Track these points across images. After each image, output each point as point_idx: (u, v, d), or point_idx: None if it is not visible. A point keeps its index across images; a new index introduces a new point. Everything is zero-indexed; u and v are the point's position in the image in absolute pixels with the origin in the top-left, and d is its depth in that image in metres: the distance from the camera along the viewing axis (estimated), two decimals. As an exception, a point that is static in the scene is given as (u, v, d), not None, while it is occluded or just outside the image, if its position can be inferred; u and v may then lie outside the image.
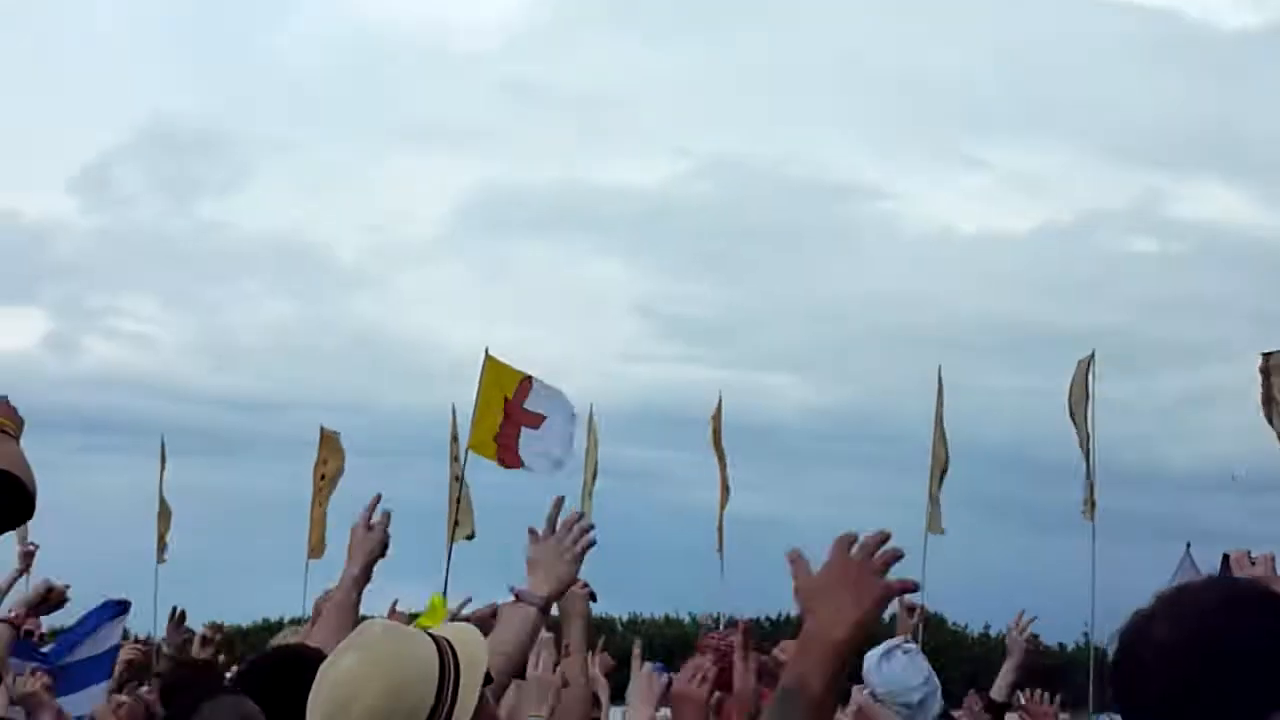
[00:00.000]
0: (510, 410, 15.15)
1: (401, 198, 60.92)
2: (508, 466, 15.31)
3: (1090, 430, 17.36)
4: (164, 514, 22.01)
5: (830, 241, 55.48)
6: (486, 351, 15.57)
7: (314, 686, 2.21)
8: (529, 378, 15.33)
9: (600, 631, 8.35)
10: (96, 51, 53.46)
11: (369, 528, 3.67)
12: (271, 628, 28.13)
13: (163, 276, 54.79)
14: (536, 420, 15.01)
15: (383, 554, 3.72)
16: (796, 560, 2.02)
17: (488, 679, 2.27)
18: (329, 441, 20.71)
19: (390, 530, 3.71)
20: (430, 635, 2.27)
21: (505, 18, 62.39)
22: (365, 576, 3.69)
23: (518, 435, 15.07)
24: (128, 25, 53.91)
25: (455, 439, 18.03)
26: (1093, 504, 17.40)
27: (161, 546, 22.04)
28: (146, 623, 14.72)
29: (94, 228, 54.61)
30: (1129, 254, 53.84)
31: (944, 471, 18.52)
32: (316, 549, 20.62)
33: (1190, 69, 55.17)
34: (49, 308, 59.72)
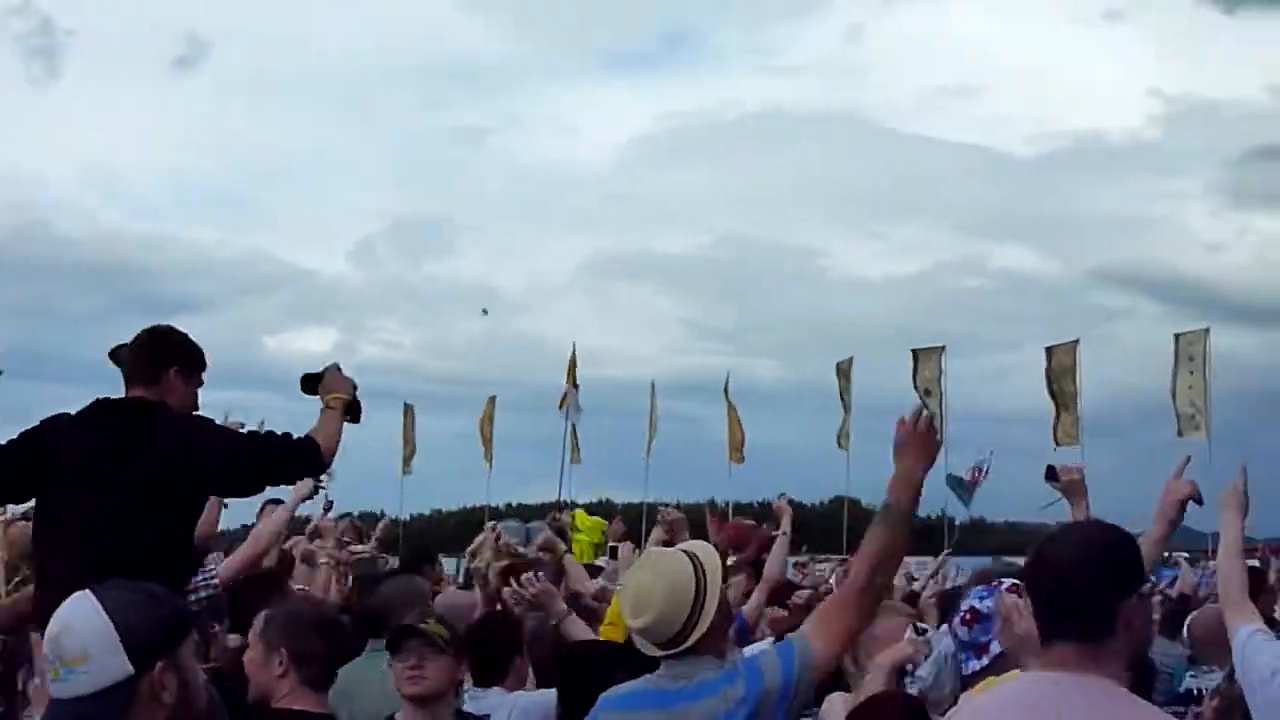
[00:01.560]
0: None
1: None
2: None
3: None
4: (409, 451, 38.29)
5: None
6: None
7: (621, 595, 3.69)
8: None
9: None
10: (360, 162, 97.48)
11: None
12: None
13: (403, 307, 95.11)
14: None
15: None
16: (898, 425, 3.38)
17: (725, 577, 3.38)
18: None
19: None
20: (685, 552, 3.36)
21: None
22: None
23: None
24: (381, 146, 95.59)
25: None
26: None
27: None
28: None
29: (363, 278, 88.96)
30: None
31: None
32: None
33: None
34: (337, 325, 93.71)
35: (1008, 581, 3.99)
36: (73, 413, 4.42)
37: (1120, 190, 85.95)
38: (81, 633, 2.39)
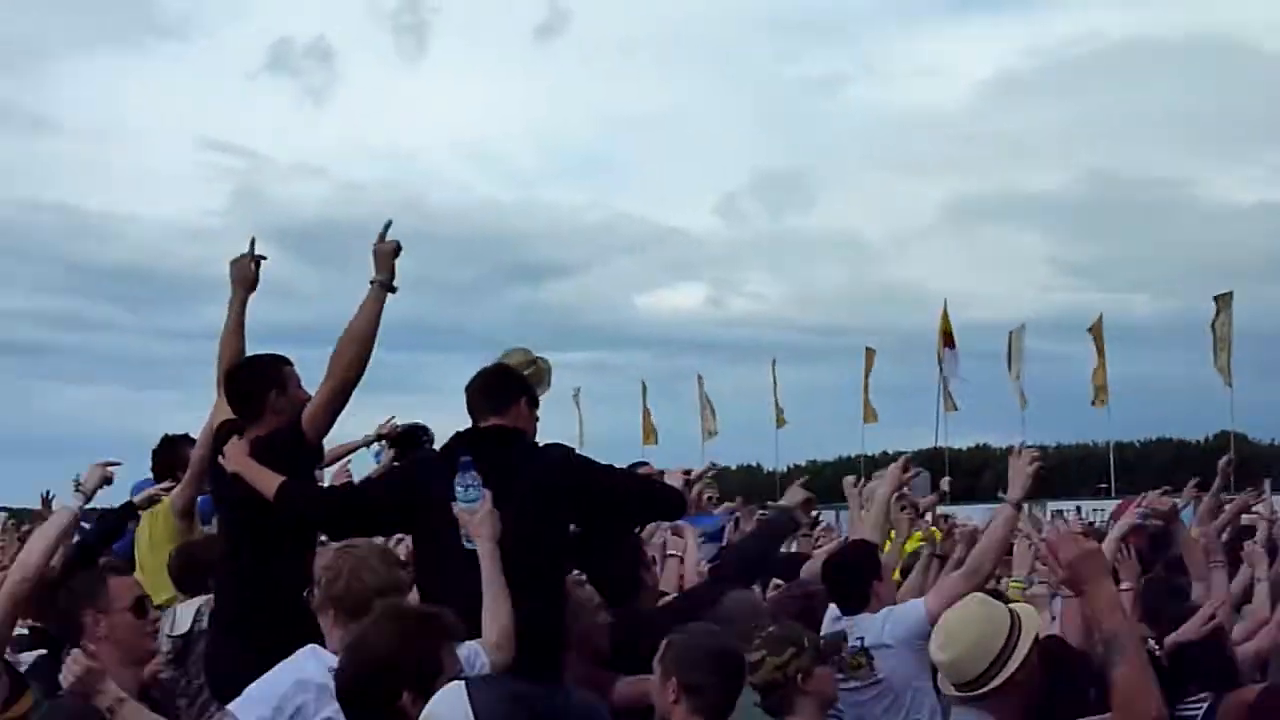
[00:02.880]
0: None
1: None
2: None
3: None
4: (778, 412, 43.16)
5: None
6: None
7: (942, 626, 3.51)
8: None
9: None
10: (720, 117, 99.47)
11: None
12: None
13: (769, 260, 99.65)
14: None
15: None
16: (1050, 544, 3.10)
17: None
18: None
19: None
20: (1011, 610, 3.46)
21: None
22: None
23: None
24: (740, 100, 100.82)
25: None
26: None
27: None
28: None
29: (728, 233, 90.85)
30: None
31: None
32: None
33: None
34: (706, 281, 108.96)
35: None
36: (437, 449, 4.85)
37: None
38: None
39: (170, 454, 6.26)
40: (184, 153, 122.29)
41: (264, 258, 5.20)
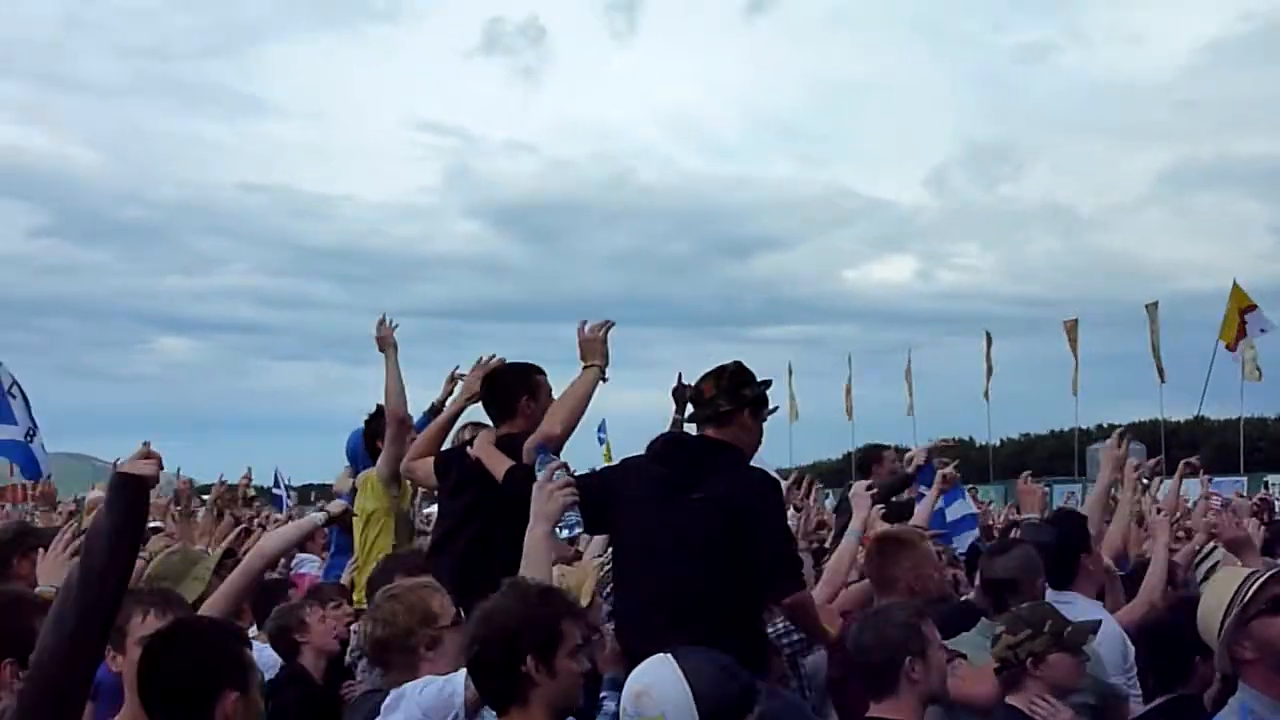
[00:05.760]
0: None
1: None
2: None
3: None
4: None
5: None
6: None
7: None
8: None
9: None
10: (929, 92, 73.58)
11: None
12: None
13: (979, 231, 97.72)
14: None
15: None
16: None
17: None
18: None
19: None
20: (1251, 571, 3.45)
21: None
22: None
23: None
24: (949, 72, 77.13)
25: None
26: None
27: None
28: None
29: (938, 205, 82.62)
30: None
31: None
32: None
33: None
34: (915, 254, 79.86)
35: None
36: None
37: None
38: (663, 695, 2.61)
39: (384, 421, 6.33)
40: (398, 133, 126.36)
41: (396, 324, 5.97)
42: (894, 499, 7.02)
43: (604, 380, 4.77)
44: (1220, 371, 34.60)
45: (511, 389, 5.16)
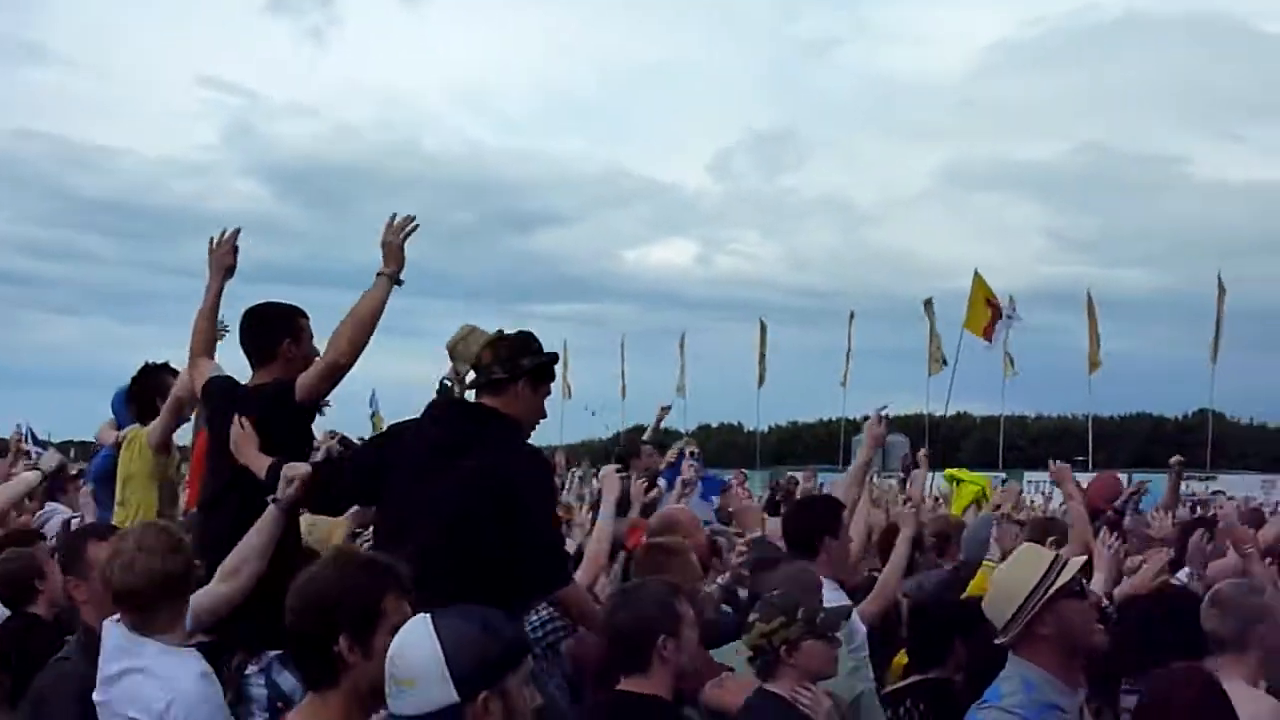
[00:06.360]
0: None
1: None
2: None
3: None
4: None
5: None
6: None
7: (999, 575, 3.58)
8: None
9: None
10: (720, 77, 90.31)
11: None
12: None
13: (760, 220, 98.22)
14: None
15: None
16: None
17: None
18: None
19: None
20: (1054, 555, 3.50)
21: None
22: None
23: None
24: (738, 59, 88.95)
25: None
26: None
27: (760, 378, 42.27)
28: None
29: (721, 191, 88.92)
30: None
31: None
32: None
33: None
34: (696, 238, 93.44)
35: None
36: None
37: None
38: (412, 658, 2.48)
39: (151, 381, 6.29)
40: (182, 89, 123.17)
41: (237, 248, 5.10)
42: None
43: (398, 284, 4.52)
44: (987, 368, 35.89)
45: (273, 329, 4.73)
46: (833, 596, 4.78)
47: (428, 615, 2.56)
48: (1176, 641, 4.42)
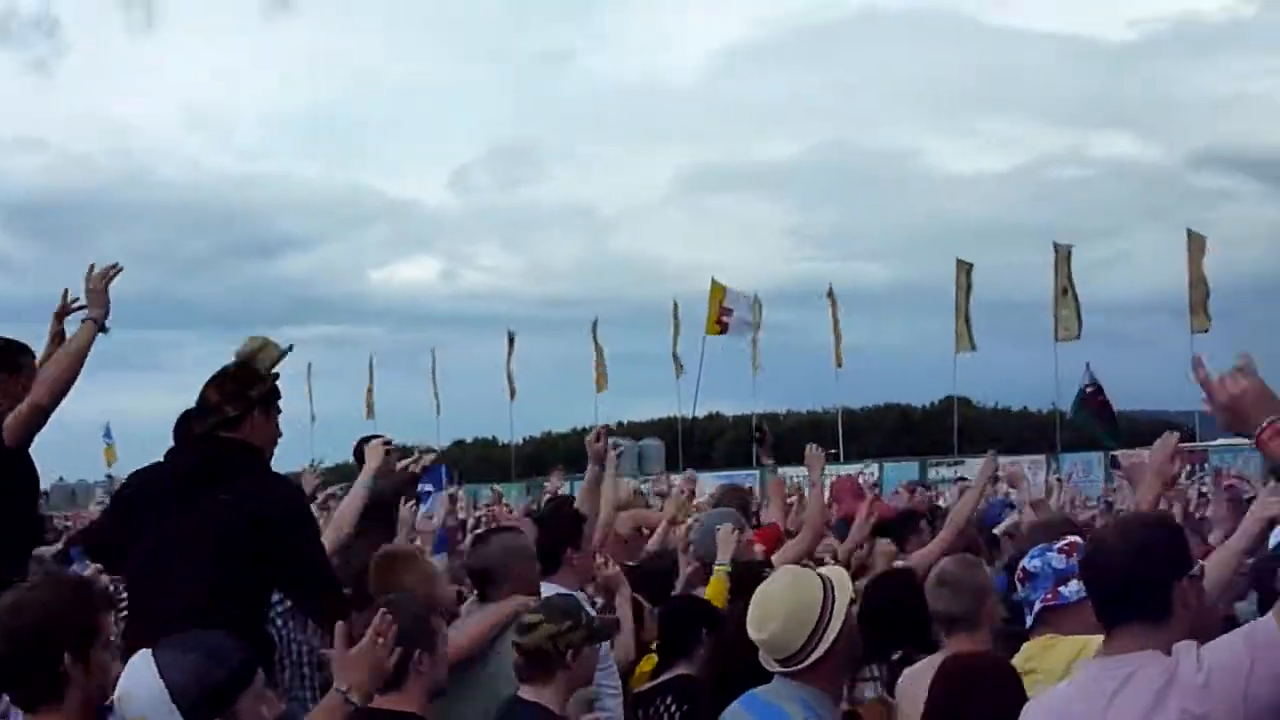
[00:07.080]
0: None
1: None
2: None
3: None
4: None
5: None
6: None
7: (756, 602, 3.45)
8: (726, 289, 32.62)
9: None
10: (455, 93, 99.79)
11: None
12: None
13: (502, 233, 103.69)
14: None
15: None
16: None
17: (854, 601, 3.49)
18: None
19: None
20: (820, 575, 3.45)
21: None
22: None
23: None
24: (472, 72, 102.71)
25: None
26: None
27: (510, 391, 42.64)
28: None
29: (462, 206, 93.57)
30: None
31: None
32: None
33: None
34: (439, 255, 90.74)
35: (1061, 542, 3.94)
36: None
37: (1219, 70, 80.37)
38: (139, 696, 2.52)
39: None
40: None
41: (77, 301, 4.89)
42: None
43: (104, 332, 4.62)
44: (735, 368, 37.21)
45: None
46: None
47: (148, 651, 2.62)
48: (905, 625, 4.60)
